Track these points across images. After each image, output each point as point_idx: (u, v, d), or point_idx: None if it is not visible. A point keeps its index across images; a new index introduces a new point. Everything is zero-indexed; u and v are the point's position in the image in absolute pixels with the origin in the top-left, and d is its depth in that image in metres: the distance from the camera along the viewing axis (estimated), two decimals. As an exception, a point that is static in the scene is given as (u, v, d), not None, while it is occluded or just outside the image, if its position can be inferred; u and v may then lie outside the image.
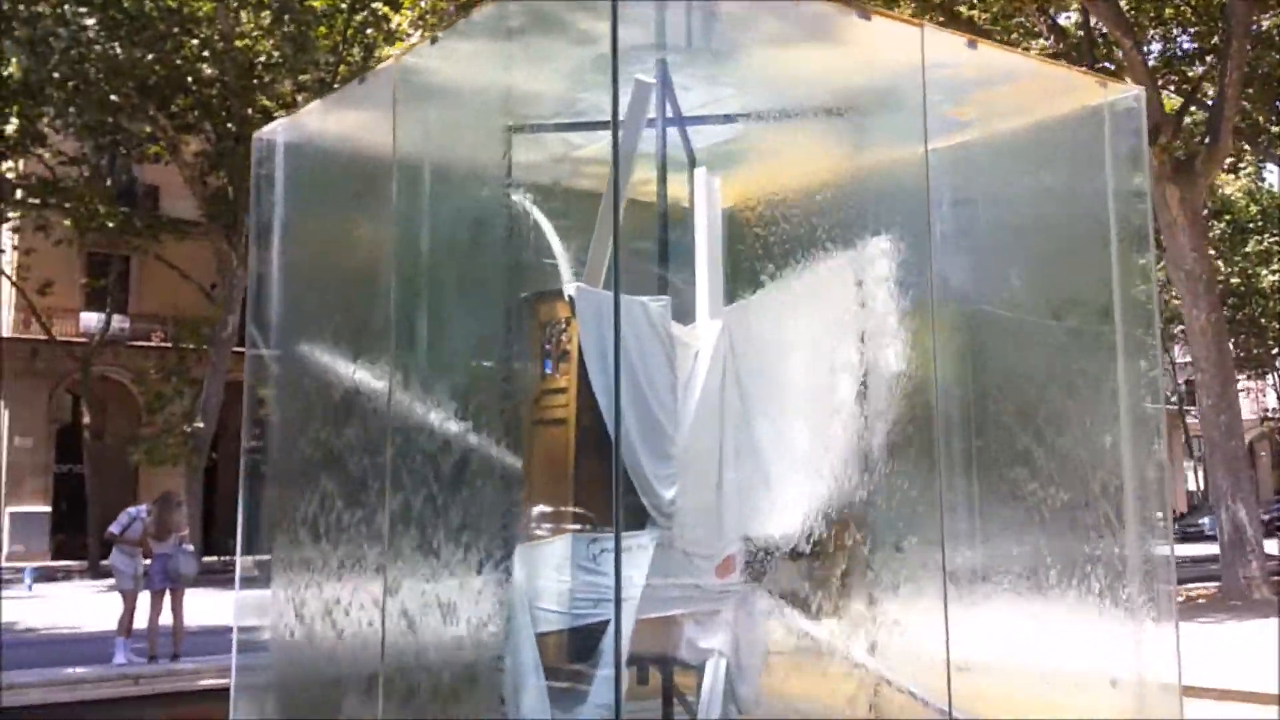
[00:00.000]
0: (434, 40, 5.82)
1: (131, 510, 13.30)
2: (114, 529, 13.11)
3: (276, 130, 7.28)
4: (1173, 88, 23.68)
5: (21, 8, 23.71)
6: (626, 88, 6.33)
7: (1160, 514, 6.81)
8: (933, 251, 7.31)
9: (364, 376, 6.32)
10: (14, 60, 24.04)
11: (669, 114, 6.84)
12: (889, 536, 7.49)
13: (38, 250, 34.38)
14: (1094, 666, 6.89)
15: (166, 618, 12.94)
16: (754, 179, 7.28)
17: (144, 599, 12.98)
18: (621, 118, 6.02)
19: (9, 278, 36.38)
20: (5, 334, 42.33)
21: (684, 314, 6.95)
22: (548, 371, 6.05)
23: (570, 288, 5.95)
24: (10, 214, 33.14)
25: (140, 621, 12.91)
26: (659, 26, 6.32)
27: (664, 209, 6.35)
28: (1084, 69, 9.25)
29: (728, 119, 7.13)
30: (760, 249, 7.07)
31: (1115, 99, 6.88)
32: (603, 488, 6.05)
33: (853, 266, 7.21)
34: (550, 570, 5.84)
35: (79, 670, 10.53)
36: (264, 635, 7.14)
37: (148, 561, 12.98)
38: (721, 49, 6.49)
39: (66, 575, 32.51)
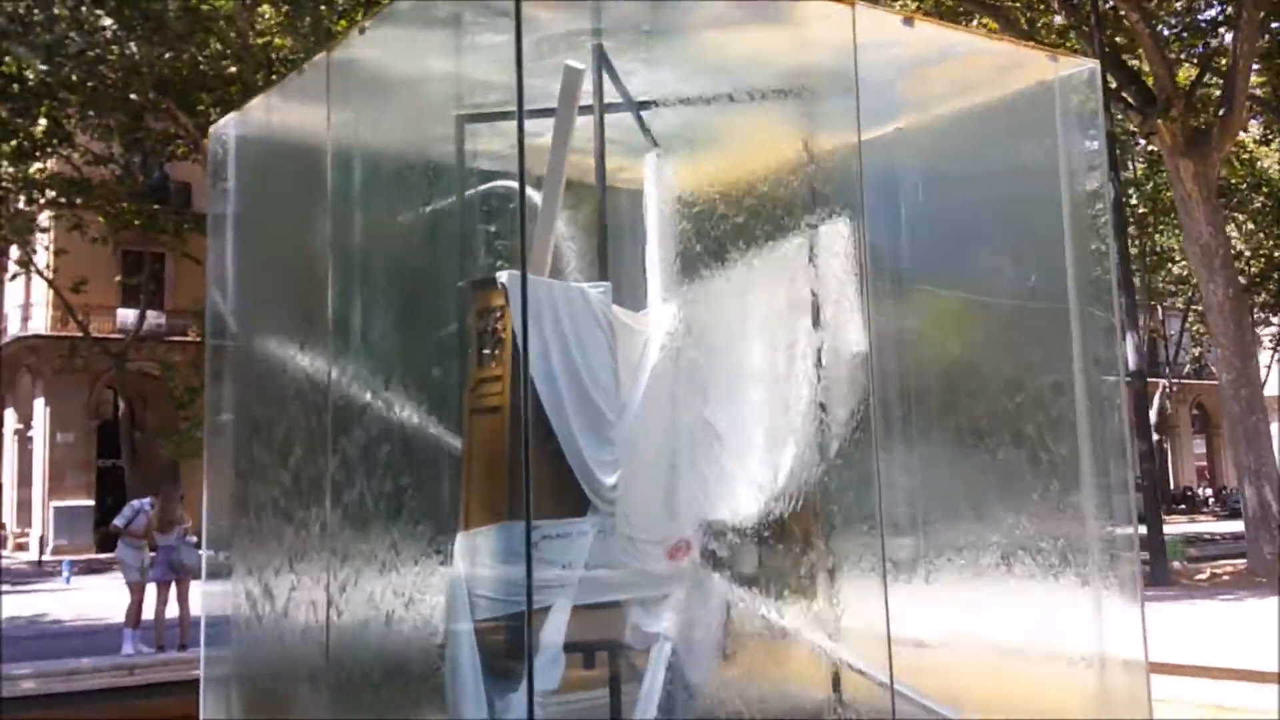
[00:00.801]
0: (362, 30, 5.80)
1: (135, 503, 13.49)
2: (118, 522, 13.29)
3: (229, 124, 7.32)
4: (1197, 60, 23.31)
5: (37, 12, 24.03)
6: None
7: (1125, 486, 6.70)
8: (879, 233, 7.29)
9: (306, 366, 6.36)
10: (32, 65, 24.31)
11: (620, 98, 6.85)
12: (850, 518, 7.47)
13: (74, 249, 34.87)
14: (1057, 643, 6.83)
15: (175, 609, 13.13)
16: (708, 163, 7.24)
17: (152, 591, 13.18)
18: (548, 104, 6.07)
19: (43, 275, 36.95)
20: (44, 331, 43.03)
21: (640, 299, 6.96)
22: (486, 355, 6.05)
23: (503, 275, 5.94)
24: (43, 213, 33.64)
25: (149, 613, 13.10)
26: (594, 11, 6.28)
27: (603, 194, 6.31)
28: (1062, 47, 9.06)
29: (682, 103, 7.08)
30: (715, 232, 7.05)
31: (1069, 73, 6.78)
32: (538, 473, 6.06)
33: (809, 249, 7.19)
34: (487, 558, 5.84)
35: (76, 661, 10.70)
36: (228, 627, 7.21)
37: (154, 554, 13.16)
38: (662, 32, 6.44)
39: (109, 568, 32.99)
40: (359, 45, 6.07)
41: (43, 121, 28.48)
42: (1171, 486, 53.98)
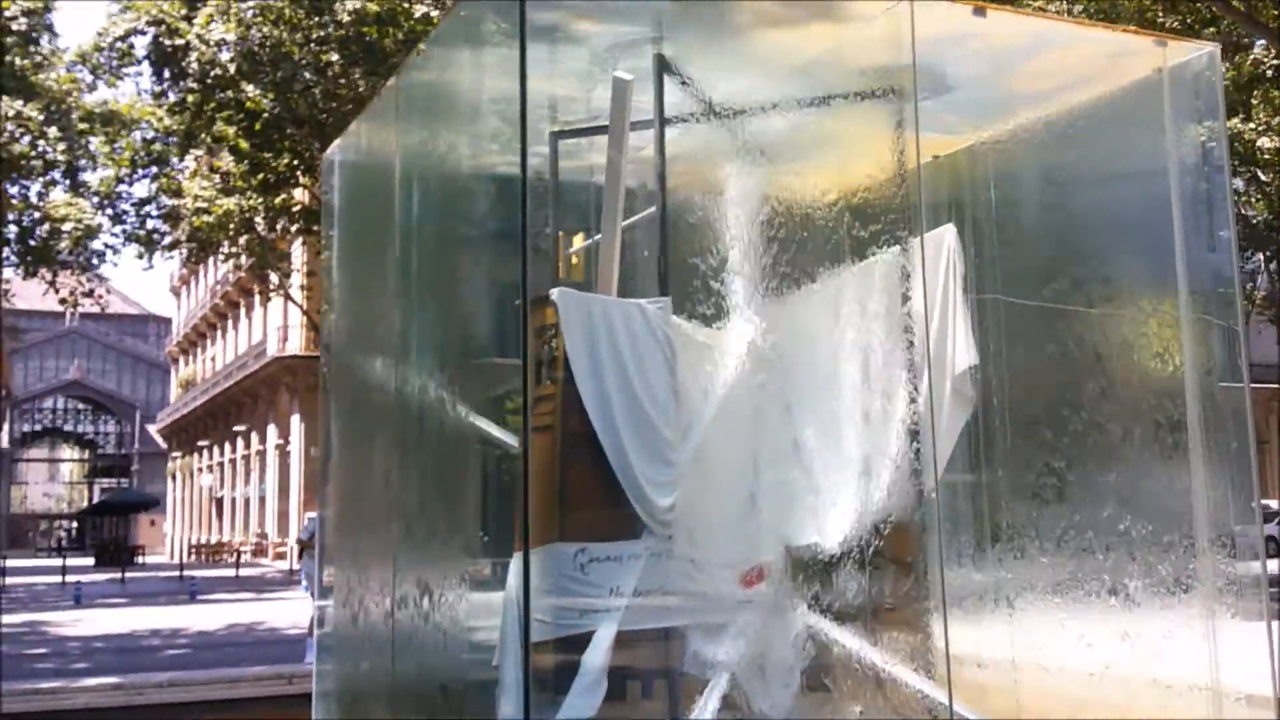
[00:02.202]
0: (419, 52, 5.85)
1: (313, 515, 14.05)
2: (302, 535, 13.89)
3: (334, 149, 7.53)
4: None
5: (269, 50, 25.56)
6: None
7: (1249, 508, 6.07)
8: (985, 242, 6.88)
9: (380, 383, 6.45)
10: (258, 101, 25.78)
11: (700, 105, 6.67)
12: (951, 543, 7.06)
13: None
14: (1169, 672, 6.23)
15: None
16: (793, 171, 6.97)
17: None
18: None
19: (293, 300, 39.19)
20: (299, 352, 45.69)
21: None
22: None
23: (554, 291, 5.86)
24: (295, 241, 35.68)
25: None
26: (655, 18, 6.15)
27: (663, 205, 6.16)
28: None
29: (765, 109, 6.84)
30: (804, 243, 6.78)
31: (1184, 60, 6.20)
32: (588, 495, 5.95)
33: (909, 257, 6.82)
34: (539, 580, 5.76)
35: (240, 670, 11.22)
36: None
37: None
38: (725, 35, 6.24)
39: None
40: (421, 67, 6.13)
41: (285, 156, 30.19)
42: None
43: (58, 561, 43.41)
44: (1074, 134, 6.62)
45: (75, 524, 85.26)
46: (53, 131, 23.98)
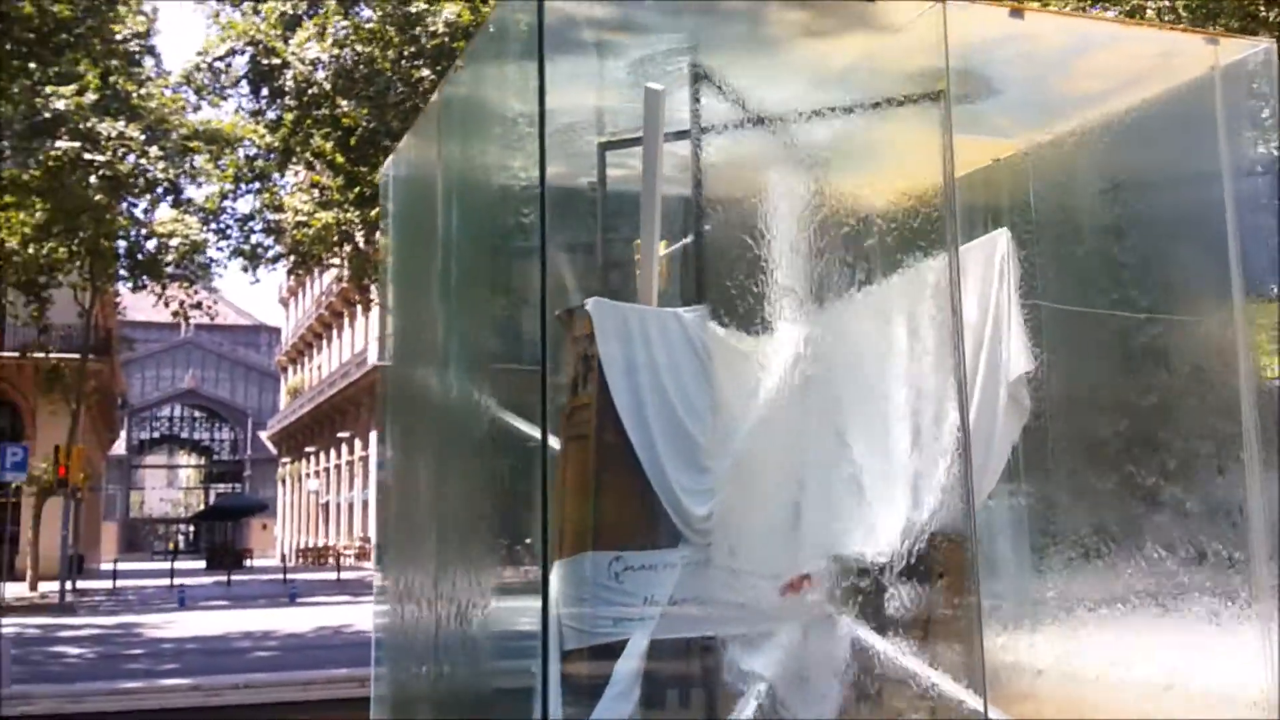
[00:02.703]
0: (458, 69, 5.95)
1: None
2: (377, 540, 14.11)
3: (389, 163, 7.67)
4: None
5: (362, 66, 26.11)
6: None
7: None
8: (1039, 246, 6.77)
9: (425, 390, 6.55)
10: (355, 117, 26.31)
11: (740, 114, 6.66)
12: (1005, 554, 6.94)
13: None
14: (1227, 686, 6.06)
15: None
16: (841, 176, 6.91)
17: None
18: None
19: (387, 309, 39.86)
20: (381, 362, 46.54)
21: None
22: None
23: (589, 301, 5.90)
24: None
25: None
26: (692, 29, 6.17)
27: (699, 215, 6.16)
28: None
29: (810, 116, 6.80)
30: (853, 249, 6.73)
31: (1239, 58, 6.03)
32: (624, 504, 5.97)
33: (962, 262, 6.73)
34: (574, 588, 5.80)
35: (314, 672, 11.46)
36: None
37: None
38: (762, 44, 6.23)
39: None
40: (463, 82, 6.22)
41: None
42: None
43: (170, 565, 44.76)
44: (1130, 136, 6.49)
45: (192, 528, 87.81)
46: (154, 151, 24.74)
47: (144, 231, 32.15)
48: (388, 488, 7.42)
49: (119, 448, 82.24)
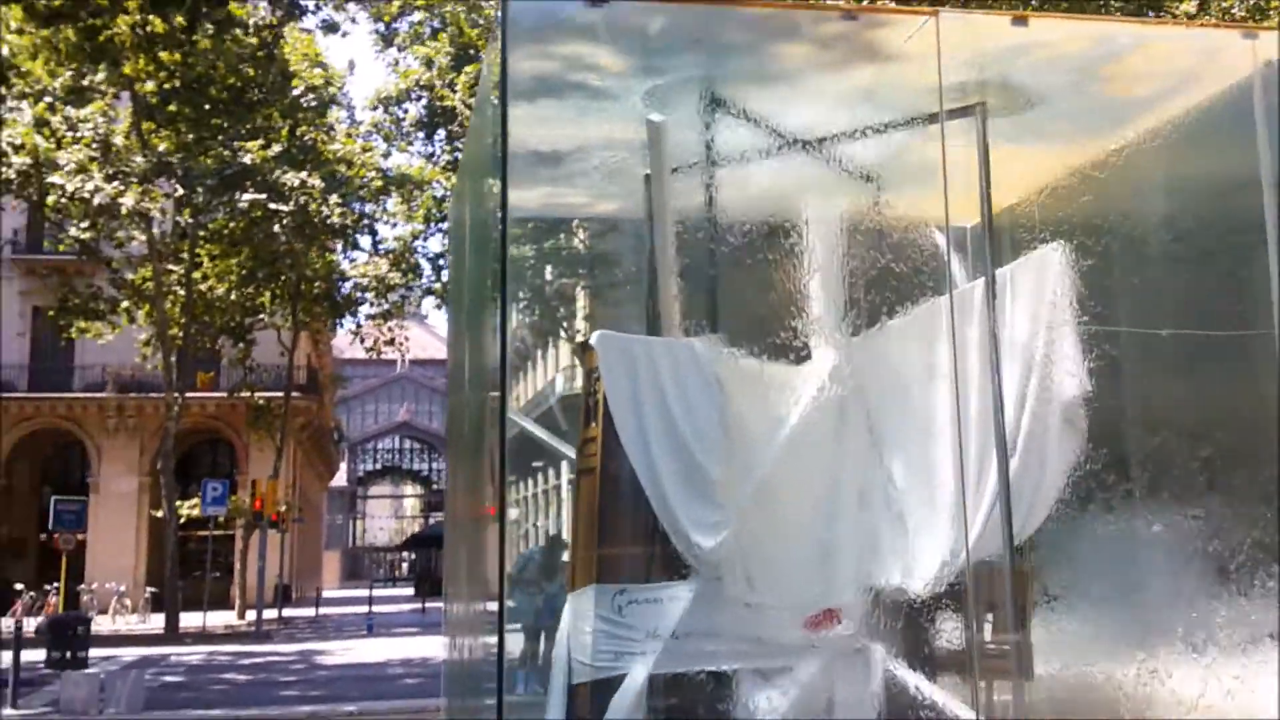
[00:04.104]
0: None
1: (525, 552, 14.45)
2: (511, 570, 14.31)
3: (451, 205, 7.87)
4: None
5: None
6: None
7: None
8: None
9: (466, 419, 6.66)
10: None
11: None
12: (1052, 587, 6.57)
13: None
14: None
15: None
16: (877, 197, 6.74)
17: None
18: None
19: (571, 340, 40.61)
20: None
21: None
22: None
23: (595, 335, 5.92)
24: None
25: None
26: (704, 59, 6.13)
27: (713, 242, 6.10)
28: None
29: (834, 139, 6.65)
30: (893, 271, 6.55)
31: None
32: (630, 536, 5.93)
33: (1010, 281, 6.47)
34: (581, 621, 5.80)
35: (426, 700, 11.69)
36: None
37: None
38: (774, 79, 6.14)
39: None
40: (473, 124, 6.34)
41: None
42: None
43: (386, 591, 46.25)
44: (1183, 139, 6.12)
45: (412, 555, 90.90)
46: (334, 198, 25.94)
47: (339, 274, 33.72)
48: (449, 519, 7.58)
49: (340, 479, 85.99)
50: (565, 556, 14.96)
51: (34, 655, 12.91)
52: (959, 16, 5.10)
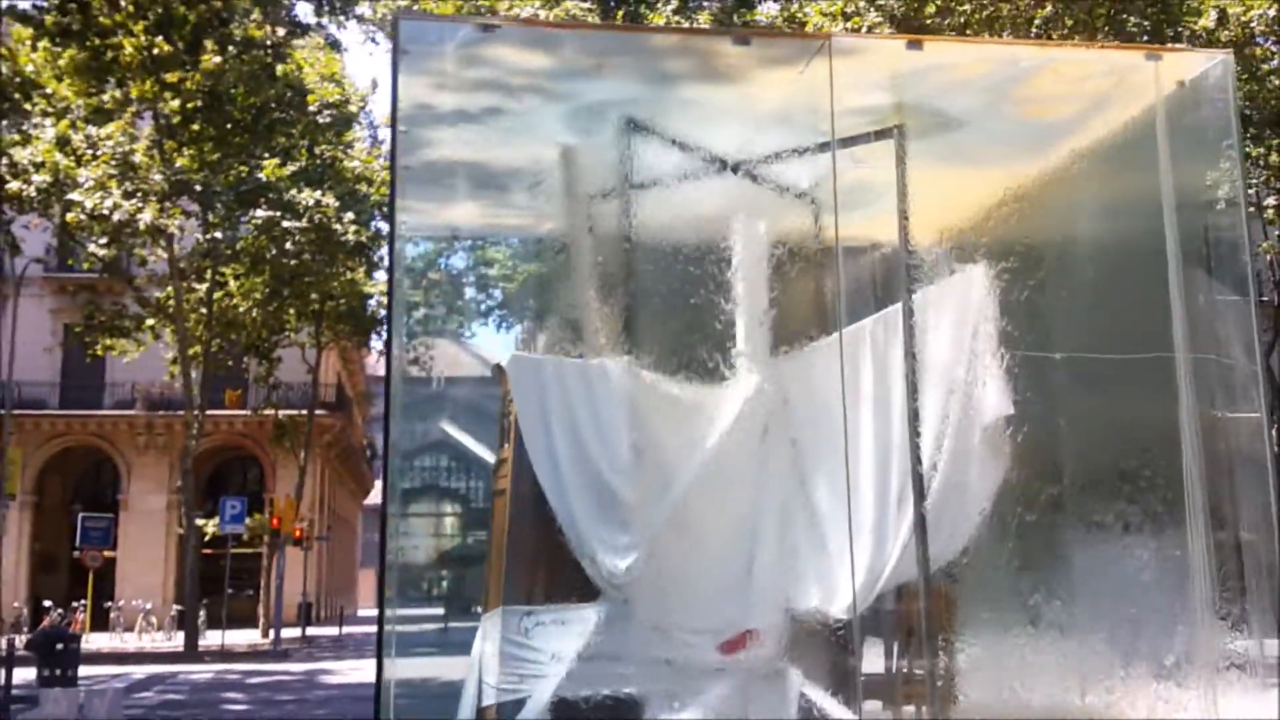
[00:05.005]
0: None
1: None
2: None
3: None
4: None
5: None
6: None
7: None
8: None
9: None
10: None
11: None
12: (977, 608, 6.53)
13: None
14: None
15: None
16: (802, 218, 6.76)
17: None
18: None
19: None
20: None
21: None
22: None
23: (507, 357, 5.97)
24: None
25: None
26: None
27: (629, 263, 6.15)
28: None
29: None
30: (813, 293, 6.58)
31: (1193, 75, 5.60)
32: (536, 558, 5.96)
33: (932, 303, 6.46)
34: (490, 643, 5.84)
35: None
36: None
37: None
38: (700, 96, 6.19)
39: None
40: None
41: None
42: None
43: (420, 610, 46.10)
44: (1103, 161, 6.12)
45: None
46: (349, 216, 26.15)
47: (363, 292, 33.92)
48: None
49: (375, 498, 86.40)
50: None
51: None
52: (852, 41, 5.10)
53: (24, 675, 12.93)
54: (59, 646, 12.74)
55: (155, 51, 17.36)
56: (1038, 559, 6.35)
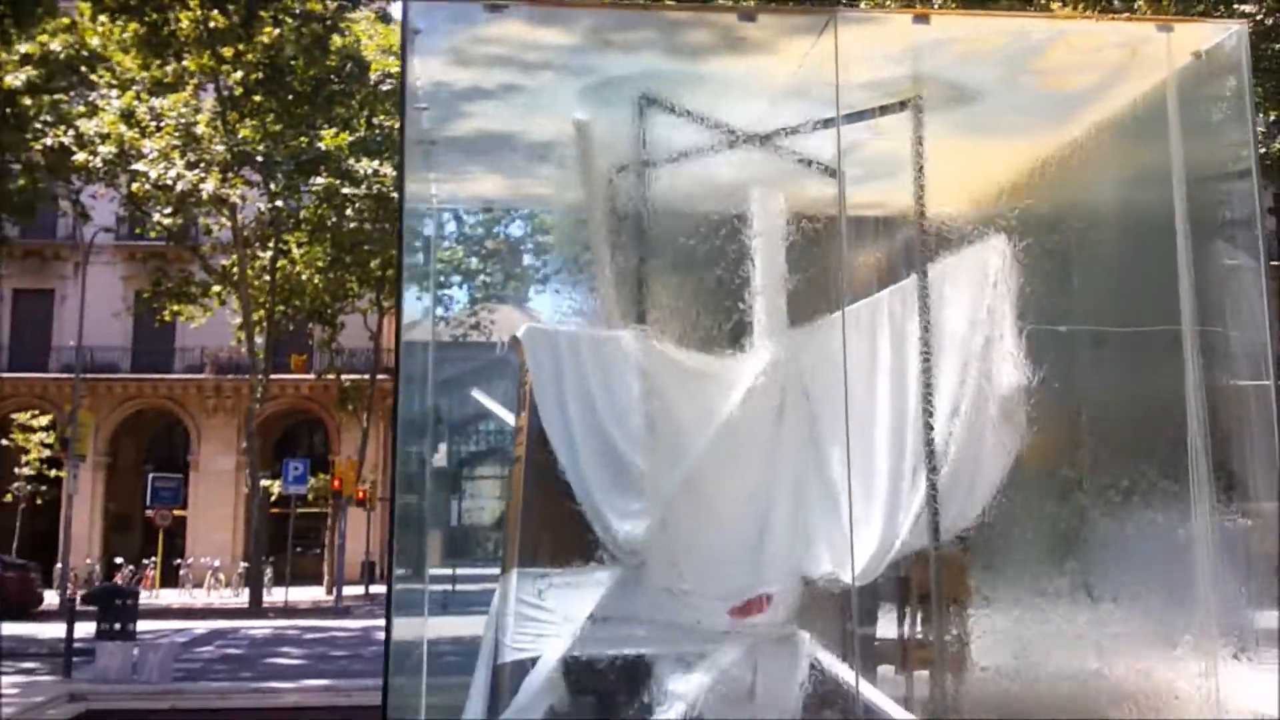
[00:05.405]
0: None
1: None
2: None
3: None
4: None
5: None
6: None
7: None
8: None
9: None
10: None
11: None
12: (992, 578, 6.59)
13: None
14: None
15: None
16: (822, 191, 6.81)
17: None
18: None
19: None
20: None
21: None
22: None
23: (522, 329, 6.11)
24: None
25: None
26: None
27: (641, 234, 6.26)
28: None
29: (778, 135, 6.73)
30: (830, 264, 6.64)
31: (1208, 46, 5.58)
32: (551, 523, 6.12)
33: (949, 275, 6.51)
34: (504, 604, 6.02)
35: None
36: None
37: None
38: (712, 72, 6.26)
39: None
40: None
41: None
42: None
43: (480, 570, 46.61)
44: (1125, 133, 6.13)
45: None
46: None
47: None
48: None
49: (439, 461, 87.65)
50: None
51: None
52: (857, 16, 5.16)
53: (87, 629, 13.41)
54: (117, 601, 13.21)
55: (211, 25, 17.65)
56: (1052, 529, 6.41)
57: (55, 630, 14.33)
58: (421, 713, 6.85)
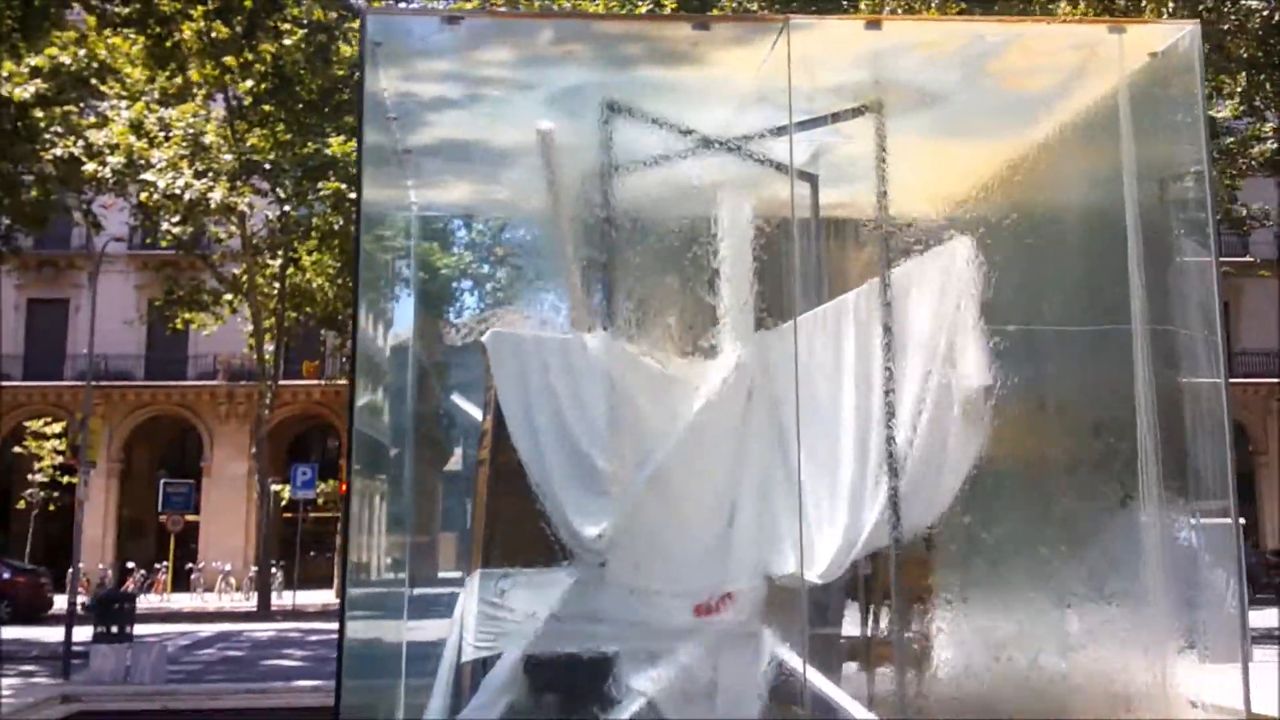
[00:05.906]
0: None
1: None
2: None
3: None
4: None
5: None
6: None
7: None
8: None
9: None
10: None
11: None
12: (953, 575, 6.65)
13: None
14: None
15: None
16: (787, 195, 6.88)
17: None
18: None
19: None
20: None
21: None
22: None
23: (487, 336, 6.20)
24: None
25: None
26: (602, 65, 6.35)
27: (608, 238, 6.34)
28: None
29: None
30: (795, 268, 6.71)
31: (1163, 47, 5.64)
32: (513, 522, 6.20)
33: (914, 276, 6.57)
34: (469, 604, 6.11)
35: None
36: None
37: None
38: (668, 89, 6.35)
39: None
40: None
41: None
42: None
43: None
44: (1086, 133, 6.19)
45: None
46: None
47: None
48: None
49: (454, 464, 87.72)
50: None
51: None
52: (810, 23, 5.24)
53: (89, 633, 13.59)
54: (115, 606, 13.37)
55: (214, 36, 17.84)
56: (1015, 527, 6.46)
57: (62, 635, 14.50)
58: (400, 711, 6.98)
